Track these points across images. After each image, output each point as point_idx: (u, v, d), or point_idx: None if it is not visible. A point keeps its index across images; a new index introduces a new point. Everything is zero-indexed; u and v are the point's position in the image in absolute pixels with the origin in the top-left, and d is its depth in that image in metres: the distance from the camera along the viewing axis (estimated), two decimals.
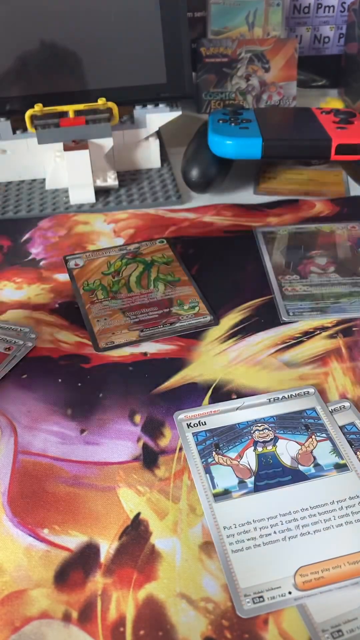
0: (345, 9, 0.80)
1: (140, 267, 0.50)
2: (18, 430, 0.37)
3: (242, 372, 0.40)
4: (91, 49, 0.59)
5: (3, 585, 0.29)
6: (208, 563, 0.30)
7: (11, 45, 0.58)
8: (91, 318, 0.45)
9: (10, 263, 0.52)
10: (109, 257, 0.51)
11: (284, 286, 0.48)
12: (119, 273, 0.49)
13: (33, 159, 0.62)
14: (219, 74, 0.75)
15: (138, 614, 0.28)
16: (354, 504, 0.32)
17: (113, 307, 0.46)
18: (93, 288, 0.48)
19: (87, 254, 0.52)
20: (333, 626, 0.27)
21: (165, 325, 0.44)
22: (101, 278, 0.49)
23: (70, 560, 0.30)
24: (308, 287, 0.47)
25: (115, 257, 0.51)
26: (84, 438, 0.36)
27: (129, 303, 0.46)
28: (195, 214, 0.57)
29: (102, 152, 0.60)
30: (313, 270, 0.49)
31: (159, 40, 0.59)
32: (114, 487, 0.34)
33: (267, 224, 0.55)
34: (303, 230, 0.54)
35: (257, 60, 0.74)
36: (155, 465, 0.35)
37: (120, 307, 0.46)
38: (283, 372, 0.40)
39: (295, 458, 0.35)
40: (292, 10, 0.80)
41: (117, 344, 0.43)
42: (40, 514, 0.32)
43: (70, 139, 0.58)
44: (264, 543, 0.30)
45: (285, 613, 0.28)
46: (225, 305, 0.46)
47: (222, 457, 0.35)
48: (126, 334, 0.43)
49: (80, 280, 0.49)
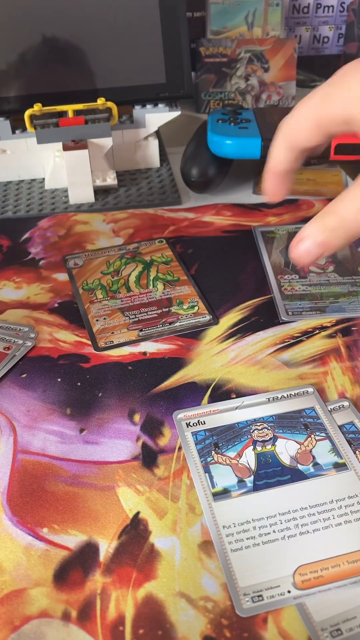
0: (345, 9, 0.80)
1: (139, 267, 0.50)
2: (17, 430, 0.37)
3: (242, 371, 0.40)
4: (91, 49, 0.59)
5: (2, 584, 0.29)
6: (207, 562, 0.30)
7: (10, 45, 0.58)
8: (90, 317, 0.45)
9: (10, 263, 0.52)
10: (108, 256, 0.51)
11: (283, 285, 0.48)
12: (119, 272, 0.49)
13: (32, 158, 0.62)
14: (218, 73, 0.75)
15: (137, 613, 0.28)
16: (353, 503, 0.32)
17: (112, 307, 0.46)
18: (92, 287, 0.48)
19: (87, 254, 0.52)
20: (332, 625, 0.27)
21: (164, 324, 0.44)
22: (100, 277, 0.49)
23: (70, 560, 0.30)
24: (307, 287, 0.47)
25: (115, 257, 0.51)
26: (83, 437, 0.36)
27: (128, 302, 0.46)
28: (194, 213, 0.57)
29: (102, 152, 0.60)
30: (312, 269, 0.49)
31: (158, 40, 0.59)
32: (113, 487, 0.34)
33: (267, 224, 0.55)
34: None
35: (256, 60, 0.74)
36: (154, 465, 0.35)
37: (120, 307, 0.46)
38: (282, 371, 0.40)
39: (294, 457, 0.35)
40: (292, 10, 0.80)
41: (116, 344, 0.43)
42: (39, 513, 0.32)
43: (70, 139, 0.58)
44: (263, 542, 0.30)
45: (285, 612, 0.28)
46: (225, 305, 0.46)
47: (221, 456, 0.35)
48: (125, 333, 0.43)
49: (80, 279, 0.49)
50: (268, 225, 0.55)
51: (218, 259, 0.51)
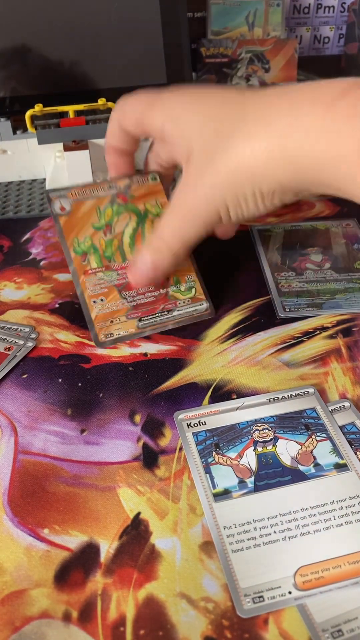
0: (345, 9, 0.80)
1: (133, 221, 0.46)
2: (18, 430, 0.37)
3: (242, 372, 0.40)
4: (91, 49, 0.59)
5: (3, 585, 0.29)
6: (208, 563, 0.30)
7: (11, 45, 0.58)
8: (87, 297, 0.43)
9: (10, 263, 0.52)
10: (98, 199, 0.46)
11: (280, 283, 0.48)
12: (111, 228, 0.45)
13: (33, 159, 0.62)
14: (219, 74, 0.75)
15: (138, 613, 0.28)
16: (354, 504, 0.32)
17: (109, 283, 0.44)
18: (85, 250, 0.44)
19: (73, 192, 0.45)
20: (333, 626, 0.27)
21: (162, 312, 0.43)
22: (92, 235, 0.45)
23: (71, 560, 0.30)
24: (304, 284, 0.48)
25: (105, 200, 0.46)
26: (84, 438, 0.36)
27: (124, 277, 0.44)
28: None
29: (102, 153, 0.59)
30: (309, 266, 0.49)
31: (159, 40, 0.59)
32: (114, 487, 0.34)
33: (267, 224, 0.55)
34: (298, 227, 0.55)
35: (257, 60, 0.74)
36: (155, 465, 0.35)
37: (116, 284, 0.44)
38: (283, 372, 0.40)
39: (295, 458, 0.35)
40: (292, 10, 0.80)
41: (116, 337, 0.42)
42: (40, 514, 0.32)
43: (71, 139, 0.58)
44: (264, 543, 0.30)
45: (286, 613, 0.28)
46: (225, 306, 0.46)
47: (222, 457, 0.35)
48: (125, 322, 0.43)
49: (70, 235, 0.44)
50: (265, 224, 0.55)
51: (218, 259, 0.51)
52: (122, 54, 0.59)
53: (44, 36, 0.58)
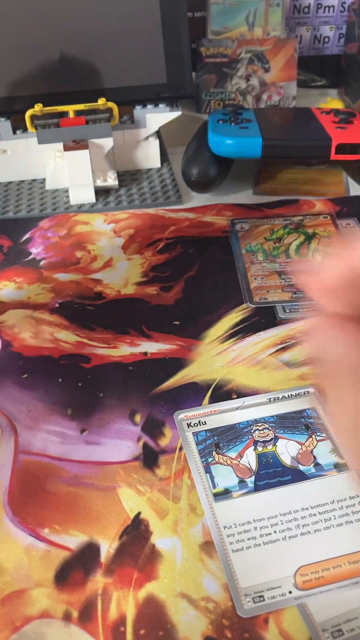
0: (345, 9, 0.80)
1: (301, 237, 0.52)
2: (18, 430, 0.37)
3: (242, 371, 0.40)
4: (91, 49, 0.59)
5: (3, 584, 0.29)
6: (208, 562, 0.30)
7: (11, 45, 0.58)
8: (249, 275, 0.47)
9: (11, 263, 0.52)
10: (273, 225, 0.53)
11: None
12: (281, 240, 0.51)
13: (33, 159, 0.62)
14: (219, 74, 0.75)
15: (138, 613, 0.28)
16: (354, 504, 0.32)
17: (270, 269, 0.48)
18: (254, 250, 0.50)
19: (253, 220, 0.54)
20: (333, 625, 0.27)
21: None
22: (263, 242, 0.51)
23: (71, 560, 0.30)
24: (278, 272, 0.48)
25: (279, 226, 0.53)
26: (85, 438, 0.36)
27: (286, 267, 0.48)
28: (195, 213, 0.57)
29: (102, 152, 0.60)
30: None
31: (159, 40, 0.59)
32: (114, 487, 0.34)
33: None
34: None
35: (257, 60, 0.74)
36: (155, 465, 0.35)
37: (278, 270, 0.48)
38: (283, 371, 0.40)
39: (295, 457, 0.35)
40: (292, 10, 0.80)
41: (270, 301, 0.45)
42: (40, 514, 0.32)
43: (71, 139, 0.58)
44: (264, 542, 0.30)
45: (286, 612, 0.28)
46: (225, 305, 0.46)
47: (222, 456, 0.35)
48: (280, 293, 0.46)
49: (244, 242, 0.51)
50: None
51: (218, 259, 0.51)
52: (122, 53, 0.59)
53: (44, 36, 0.58)
